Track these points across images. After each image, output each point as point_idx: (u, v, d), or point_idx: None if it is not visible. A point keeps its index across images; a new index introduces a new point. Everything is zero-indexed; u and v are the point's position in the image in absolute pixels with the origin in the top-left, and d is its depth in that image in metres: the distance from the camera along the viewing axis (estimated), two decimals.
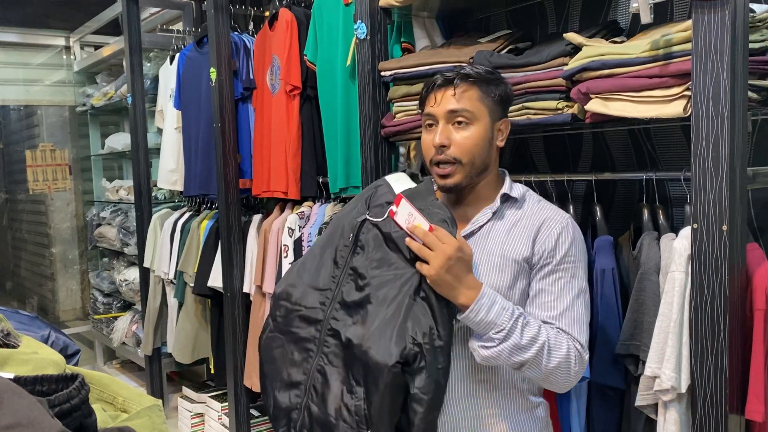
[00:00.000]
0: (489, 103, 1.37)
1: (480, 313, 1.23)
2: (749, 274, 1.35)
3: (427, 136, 1.39)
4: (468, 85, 1.36)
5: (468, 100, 1.35)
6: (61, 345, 1.20)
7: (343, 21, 2.30)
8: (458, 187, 1.37)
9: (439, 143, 1.34)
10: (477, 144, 1.35)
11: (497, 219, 1.39)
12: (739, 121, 1.28)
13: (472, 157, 1.35)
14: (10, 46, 4.76)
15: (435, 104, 1.37)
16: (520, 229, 1.36)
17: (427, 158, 1.40)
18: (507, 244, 1.35)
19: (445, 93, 1.36)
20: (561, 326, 1.29)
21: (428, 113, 1.39)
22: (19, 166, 5.15)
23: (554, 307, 1.31)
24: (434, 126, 1.38)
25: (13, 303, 5.82)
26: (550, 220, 1.35)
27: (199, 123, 3.01)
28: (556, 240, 1.33)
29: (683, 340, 1.38)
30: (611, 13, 1.91)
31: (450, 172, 1.35)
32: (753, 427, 1.37)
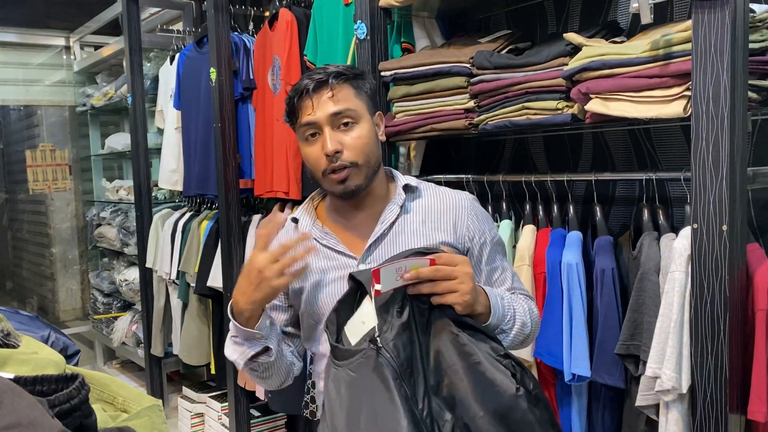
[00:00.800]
0: (364, 98, 1.32)
1: (497, 313, 1.21)
2: (750, 274, 1.35)
3: (312, 148, 1.29)
4: (342, 83, 1.29)
5: (346, 98, 1.28)
6: (61, 345, 1.20)
7: (343, 21, 2.30)
8: (359, 190, 1.29)
9: (333, 150, 1.25)
10: (368, 142, 1.30)
11: (404, 213, 1.34)
12: (739, 121, 1.28)
13: (367, 157, 1.29)
14: (10, 46, 4.76)
15: (313, 111, 1.27)
16: (434, 216, 1.34)
17: (317, 171, 1.29)
18: (426, 235, 1.31)
19: (321, 97, 1.27)
20: (519, 291, 1.37)
21: (308, 122, 1.28)
22: (19, 166, 5.15)
23: (506, 278, 1.37)
24: (317, 135, 1.28)
25: (13, 303, 5.82)
26: (461, 201, 1.35)
27: (198, 123, 3.01)
28: (477, 219, 1.35)
29: (683, 340, 1.38)
30: (611, 13, 1.91)
31: (346, 175, 1.27)
32: (755, 427, 1.37)
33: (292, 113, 1.32)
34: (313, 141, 1.29)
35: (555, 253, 1.72)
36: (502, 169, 2.23)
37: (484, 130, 1.82)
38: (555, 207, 1.85)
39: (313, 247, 1.28)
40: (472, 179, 2.01)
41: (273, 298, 1.22)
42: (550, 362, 1.71)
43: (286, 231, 1.40)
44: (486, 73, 1.78)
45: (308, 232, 1.33)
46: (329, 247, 1.33)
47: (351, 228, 1.36)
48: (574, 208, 1.80)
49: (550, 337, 1.69)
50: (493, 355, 1.09)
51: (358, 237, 1.34)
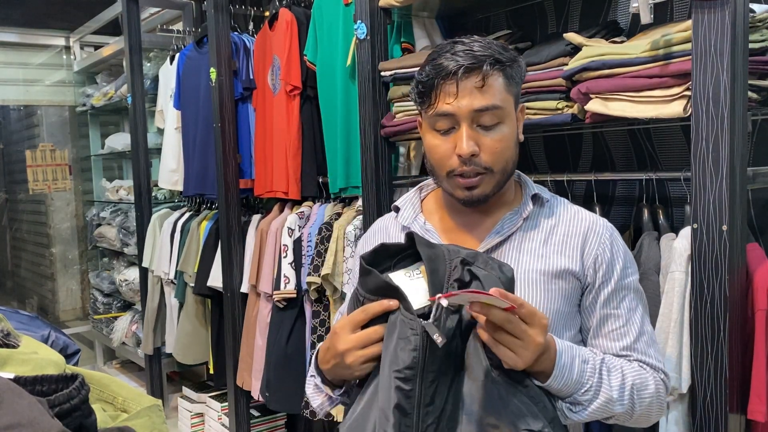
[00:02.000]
0: (515, 92, 1.11)
1: (563, 377, 0.99)
2: (750, 274, 1.35)
3: (442, 141, 1.09)
4: (496, 71, 1.06)
5: (497, 91, 1.06)
6: (61, 345, 1.20)
7: (343, 21, 2.30)
8: (486, 199, 1.11)
9: (470, 152, 1.05)
10: (510, 147, 1.10)
11: (529, 228, 1.13)
12: (739, 121, 1.28)
13: (506, 163, 1.10)
14: (10, 46, 4.76)
15: (455, 100, 1.04)
16: (560, 237, 1.13)
17: (442, 169, 1.10)
18: (548, 257, 1.11)
19: (468, 83, 1.04)
20: (638, 355, 1.11)
21: (444, 112, 1.06)
22: (19, 166, 5.15)
23: (626, 333, 1.11)
24: (454, 129, 1.08)
25: (13, 303, 5.82)
26: (596, 226, 1.13)
27: (198, 123, 3.01)
28: (611, 251, 1.12)
29: (684, 340, 1.38)
30: (611, 13, 1.91)
31: (477, 182, 1.08)
32: (754, 427, 1.37)
33: (426, 95, 1.08)
34: (445, 135, 1.09)
35: None
36: None
37: None
38: None
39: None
40: None
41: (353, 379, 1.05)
42: None
43: (386, 222, 1.25)
44: None
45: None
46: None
47: (459, 231, 1.17)
48: None
49: None
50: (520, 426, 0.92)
51: (466, 243, 1.12)
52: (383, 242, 1.02)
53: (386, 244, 1.02)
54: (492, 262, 0.96)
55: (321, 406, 1.14)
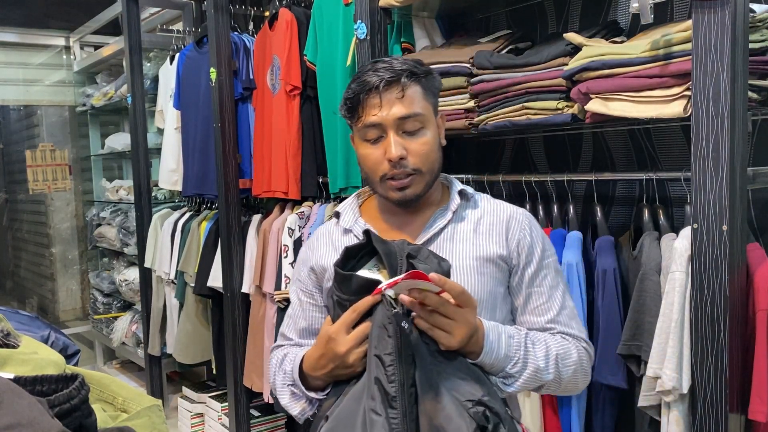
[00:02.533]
0: (432, 101, 1.24)
1: (492, 353, 1.09)
2: (750, 274, 1.35)
3: (373, 150, 1.20)
4: (414, 82, 1.19)
5: (416, 100, 1.19)
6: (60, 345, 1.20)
7: (343, 21, 2.30)
8: (417, 198, 1.22)
9: (398, 156, 1.17)
10: (434, 149, 1.22)
11: (457, 220, 1.25)
12: (739, 121, 1.28)
13: (432, 164, 1.21)
14: (10, 46, 4.76)
15: (380, 111, 1.17)
16: (486, 226, 1.25)
17: (375, 175, 1.21)
18: (478, 244, 1.22)
19: (389, 96, 1.17)
20: (561, 327, 1.22)
21: (372, 123, 1.18)
22: (19, 166, 5.15)
23: (549, 308, 1.22)
24: (381, 138, 1.19)
25: (13, 303, 5.82)
26: (517, 215, 1.26)
27: (198, 123, 3.01)
28: (531, 235, 1.24)
29: (684, 340, 1.38)
30: (611, 13, 1.91)
31: (408, 183, 1.19)
32: (755, 427, 1.37)
33: (354, 110, 1.21)
34: (375, 144, 1.21)
35: None
36: (502, 169, 2.23)
37: (484, 130, 1.82)
38: (555, 207, 1.85)
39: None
40: (472, 179, 2.01)
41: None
42: None
43: (328, 228, 1.34)
44: (486, 73, 1.78)
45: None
46: None
47: (396, 230, 1.27)
48: (574, 208, 1.79)
49: None
50: (461, 399, 0.99)
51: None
52: (347, 246, 1.11)
53: (349, 247, 1.11)
54: (432, 256, 1.06)
55: (303, 412, 1.21)
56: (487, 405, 1.00)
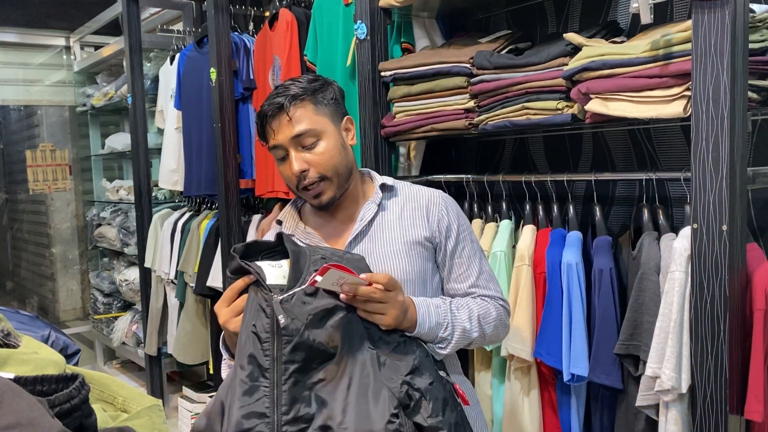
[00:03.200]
0: (326, 111, 1.36)
1: (425, 324, 1.23)
2: (749, 274, 1.35)
3: (284, 168, 1.36)
4: (299, 103, 1.33)
5: (305, 118, 1.32)
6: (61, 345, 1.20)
7: (343, 21, 2.30)
8: (332, 201, 1.37)
9: (299, 170, 1.32)
10: (333, 155, 1.34)
11: (381, 210, 1.40)
12: (739, 121, 1.28)
13: (335, 169, 1.34)
14: (10, 46, 4.76)
15: (275, 135, 1.34)
16: (409, 212, 1.40)
17: (293, 186, 1.37)
18: (404, 230, 1.38)
19: (281, 122, 1.33)
20: (480, 290, 1.38)
21: (273, 146, 1.35)
22: (20, 166, 5.15)
23: (469, 275, 1.39)
24: (286, 156, 1.35)
25: (13, 303, 5.82)
26: (434, 197, 1.41)
27: (201, 123, 3.01)
28: (447, 214, 1.40)
29: (683, 340, 1.38)
30: (611, 13, 1.91)
31: (321, 189, 1.34)
32: (752, 427, 1.37)
33: (263, 137, 1.38)
34: (283, 162, 1.36)
35: (555, 253, 1.72)
36: (502, 169, 2.23)
37: (484, 130, 1.82)
38: (555, 207, 1.85)
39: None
40: (472, 179, 2.01)
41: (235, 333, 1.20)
42: (550, 362, 1.71)
43: (272, 232, 1.46)
44: (486, 73, 1.78)
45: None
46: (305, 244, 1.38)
47: (332, 227, 1.42)
48: (574, 208, 1.80)
49: (549, 337, 1.69)
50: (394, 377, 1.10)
51: (339, 235, 1.40)
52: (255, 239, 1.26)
53: (258, 240, 1.25)
54: (345, 255, 1.22)
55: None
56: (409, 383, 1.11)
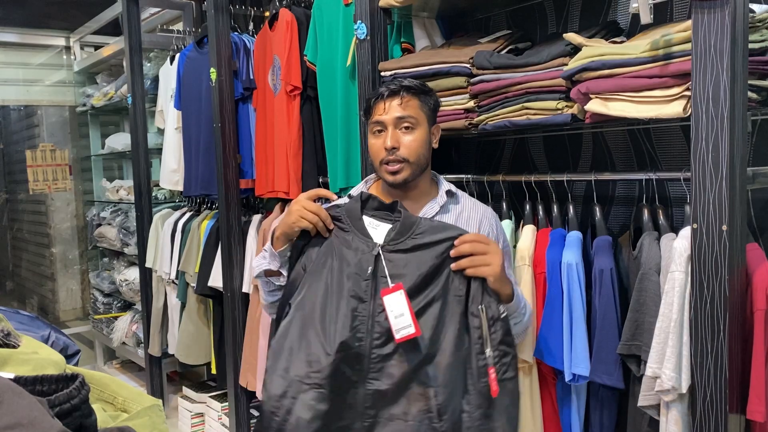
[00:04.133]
0: (426, 111, 1.57)
1: (518, 296, 1.43)
2: (749, 274, 1.35)
3: (377, 140, 1.56)
4: (410, 95, 1.55)
5: (412, 108, 1.54)
6: (61, 345, 1.20)
7: (343, 21, 2.30)
8: (406, 183, 1.55)
9: (391, 146, 1.52)
10: (421, 145, 1.55)
11: (443, 212, 1.59)
12: (739, 121, 1.28)
13: (418, 157, 1.55)
14: (10, 46, 4.76)
15: (384, 112, 1.54)
16: (465, 220, 1.59)
17: (376, 160, 1.57)
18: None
19: (392, 102, 1.54)
20: None
21: (377, 120, 1.55)
22: (20, 166, 5.15)
23: None
24: (383, 132, 1.55)
25: (14, 303, 5.82)
26: (488, 212, 1.63)
27: (200, 123, 3.01)
28: (496, 229, 1.61)
29: (683, 340, 1.38)
30: (611, 13, 1.91)
31: (399, 168, 1.53)
32: (753, 427, 1.37)
33: (368, 111, 1.59)
34: (378, 135, 1.56)
35: (555, 253, 1.72)
36: (502, 169, 2.23)
37: (484, 130, 1.82)
38: (555, 207, 1.85)
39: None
40: (472, 179, 2.01)
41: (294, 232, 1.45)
42: (550, 362, 1.71)
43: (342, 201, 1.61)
44: (486, 73, 1.78)
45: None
46: None
47: None
48: (573, 208, 1.80)
49: (550, 337, 1.69)
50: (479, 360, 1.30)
51: None
52: (373, 194, 1.47)
53: (375, 196, 1.46)
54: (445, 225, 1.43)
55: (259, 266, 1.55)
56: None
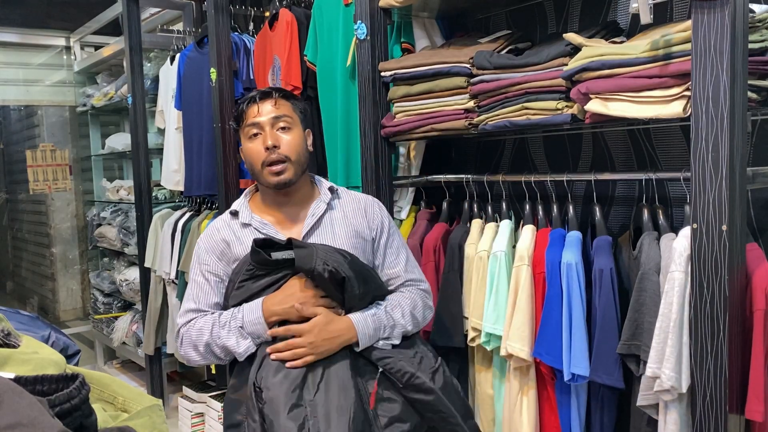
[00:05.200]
0: (298, 114, 1.65)
1: (366, 336, 1.51)
2: (749, 274, 1.35)
3: (254, 144, 1.60)
4: (281, 98, 1.62)
5: (285, 108, 1.61)
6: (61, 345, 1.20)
7: (343, 21, 2.30)
8: (290, 183, 1.59)
9: (272, 144, 1.56)
10: (299, 144, 1.61)
11: (329, 209, 1.66)
12: (739, 121, 1.28)
13: (298, 155, 1.60)
14: (11, 46, 4.76)
15: (258, 114, 1.59)
16: (351, 212, 1.67)
17: (257, 163, 1.59)
18: (351, 226, 1.64)
19: (265, 104, 1.60)
20: (407, 275, 1.67)
21: (253, 123, 1.59)
22: (20, 166, 5.16)
23: (398, 261, 1.68)
24: (259, 134, 1.59)
25: (14, 303, 5.82)
26: (369, 201, 1.72)
27: (202, 123, 3.01)
28: (380, 214, 1.70)
29: (683, 340, 1.38)
30: (611, 13, 1.91)
31: (283, 168, 1.57)
32: (753, 426, 1.37)
33: (240, 117, 1.63)
34: (255, 139, 1.60)
35: (555, 253, 1.72)
36: (502, 169, 2.23)
37: (484, 130, 1.83)
38: (555, 207, 1.85)
39: None
40: (472, 179, 2.01)
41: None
42: (550, 362, 1.71)
43: (226, 222, 1.67)
44: (486, 73, 1.78)
45: None
46: (269, 235, 1.59)
47: (284, 220, 1.64)
48: (573, 208, 1.80)
49: (549, 337, 1.69)
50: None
51: (292, 227, 1.63)
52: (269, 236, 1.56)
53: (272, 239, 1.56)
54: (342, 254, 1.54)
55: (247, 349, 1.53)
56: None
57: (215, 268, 1.63)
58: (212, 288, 1.62)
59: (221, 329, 1.54)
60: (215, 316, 1.58)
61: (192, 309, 1.62)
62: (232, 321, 1.54)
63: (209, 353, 1.57)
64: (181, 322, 1.62)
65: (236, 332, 1.53)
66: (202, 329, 1.56)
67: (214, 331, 1.54)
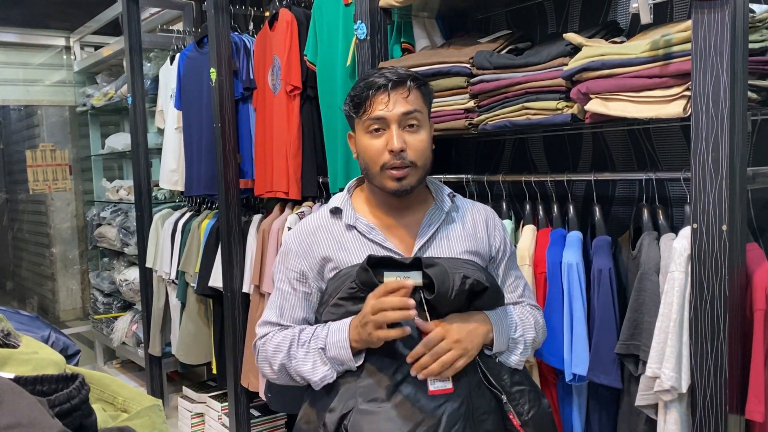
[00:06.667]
0: (428, 105, 1.40)
1: (500, 326, 1.34)
2: (749, 274, 1.35)
3: (375, 141, 1.33)
4: (416, 86, 1.34)
5: (417, 102, 1.34)
6: (61, 345, 1.20)
7: (343, 21, 2.30)
8: (412, 190, 1.36)
9: (400, 147, 1.31)
10: (427, 147, 1.37)
11: (449, 219, 1.43)
12: (739, 121, 1.28)
13: (425, 161, 1.37)
14: (10, 46, 4.76)
15: (387, 106, 1.31)
16: (471, 225, 1.45)
17: (375, 164, 1.34)
18: (468, 242, 1.42)
19: (397, 95, 1.32)
20: (526, 300, 1.51)
21: (377, 117, 1.32)
22: (20, 166, 5.15)
23: (518, 286, 1.51)
24: (384, 131, 1.33)
25: (14, 303, 5.82)
26: (489, 214, 1.51)
27: (201, 123, 3.01)
28: (502, 232, 1.51)
29: (683, 340, 1.38)
30: (611, 13, 1.91)
31: (406, 174, 1.33)
32: (753, 427, 1.37)
33: (360, 105, 1.34)
34: (377, 135, 1.34)
35: (555, 253, 1.72)
36: (502, 169, 2.23)
37: (484, 130, 1.82)
38: (555, 207, 1.85)
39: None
40: (472, 179, 2.01)
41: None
42: (551, 362, 1.71)
43: (324, 221, 1.42)
44: (486, 73, 1.78)
45: None
46: (376, 242, 1.37)
47: (395, 227, 1.40)
48: (574, 208, 1.80)
49: (550, 337, 1.69)
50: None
51: (403, 236, 1.39)
52: (391, 256, 1.31)
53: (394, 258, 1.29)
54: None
55: (324, 378, 1.31)
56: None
57: (306, 277, 1.39)
58: (299, 300, 1.40)
59: (299, 348, 1.33)
60: (296, 330, 1.36)
61: (272, 322, 1.41)
62: (313, 341, 1.32)
63: (284, 375, 1.36)
64: (260, 333, 1.42)
65: (315, 355, 1.31)
66: (280, 345, 1.35)
67: (291, 350, 1.34)
